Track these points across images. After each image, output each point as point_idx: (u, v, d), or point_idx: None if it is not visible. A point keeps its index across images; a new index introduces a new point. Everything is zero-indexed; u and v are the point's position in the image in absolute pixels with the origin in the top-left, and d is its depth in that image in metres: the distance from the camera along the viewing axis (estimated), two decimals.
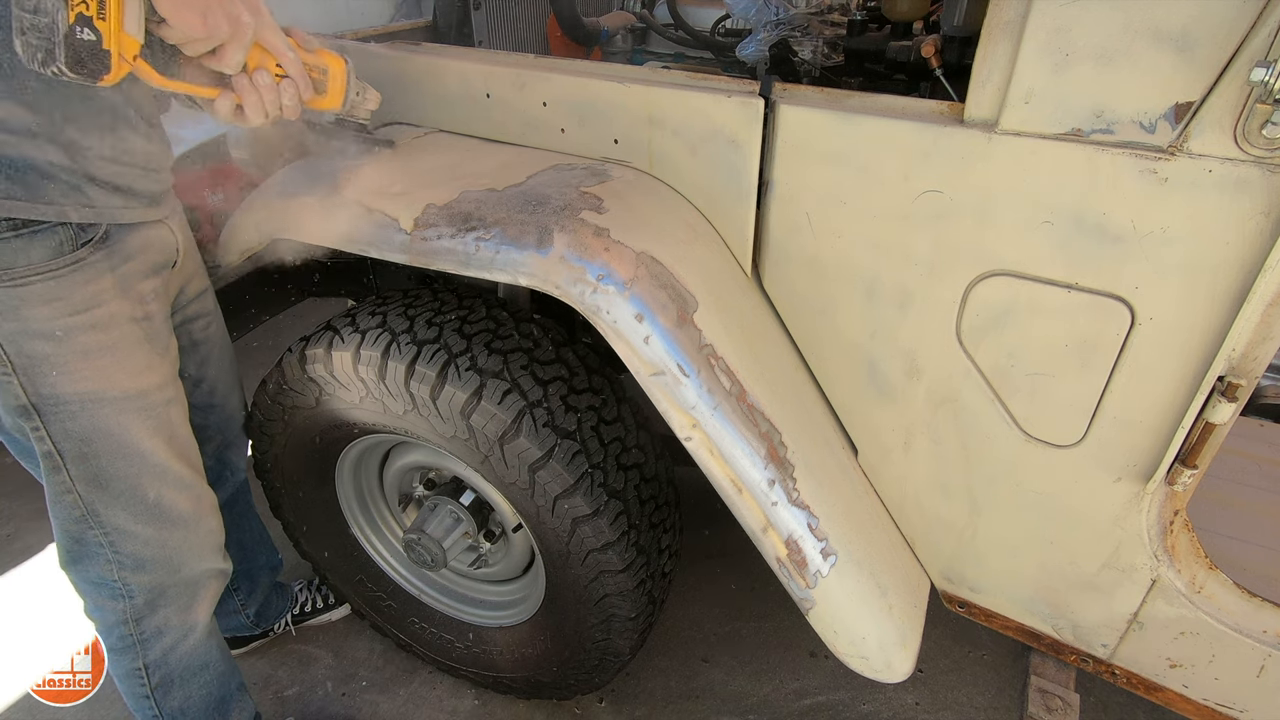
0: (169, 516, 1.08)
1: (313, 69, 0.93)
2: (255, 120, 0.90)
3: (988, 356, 0.96)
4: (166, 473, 1.06)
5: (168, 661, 1.18)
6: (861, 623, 1.05)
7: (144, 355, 0.99)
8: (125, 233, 0.95)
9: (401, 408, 1.15)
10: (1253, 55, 0.68)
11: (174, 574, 1.12)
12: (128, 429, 0.99)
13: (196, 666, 1.23)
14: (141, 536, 1.07)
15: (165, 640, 1.16)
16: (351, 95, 0.99)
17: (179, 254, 1.08)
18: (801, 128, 0.94)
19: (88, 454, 0.98)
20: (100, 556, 1.06)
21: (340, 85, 0.97)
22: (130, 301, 0.96)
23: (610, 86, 1.06)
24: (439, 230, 0.99)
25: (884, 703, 1.59)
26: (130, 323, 0.96)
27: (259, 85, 0.87)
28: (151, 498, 1.05)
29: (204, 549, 1.16)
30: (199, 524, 1.14)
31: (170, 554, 1.11)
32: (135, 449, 1.01)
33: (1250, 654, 1.00)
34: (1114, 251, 0.82)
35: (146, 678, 1.17)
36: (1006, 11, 0.78)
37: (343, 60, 0.96)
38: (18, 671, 1.65)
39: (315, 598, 1.74)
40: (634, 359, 0.95)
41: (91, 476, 1.00)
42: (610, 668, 1.35)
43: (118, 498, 1.02)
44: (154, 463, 1.04)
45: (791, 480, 1.00)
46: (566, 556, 1.18)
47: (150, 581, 1.10)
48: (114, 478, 1.01)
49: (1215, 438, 0.86)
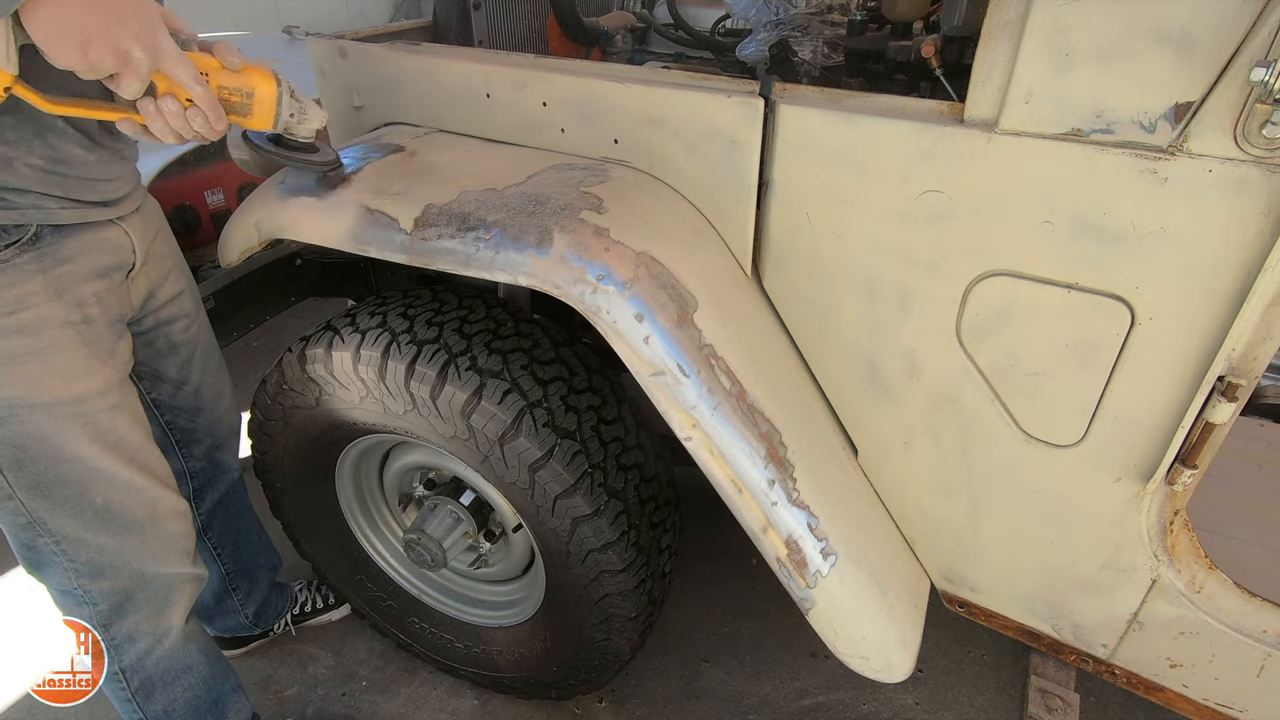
0: (121, 522, 1.05)
1: (233, 92, 0.88)
2: (166, 140, 0.85)
3: (988, 356, 0.96)
4: (113, 478, 1.02)
5: (144, 666, 1.16)
6: (861, 623, 1.05)
7: (81, 360, 0.95)
8: (62, 235, 0.91)
9: (401, 408, 1.15)
10: (1253, 55, 0.68)
11: (136, 579, 1.10)
12: (63, 435, 0.95)
13: (177, 670, 1.21)
14: (94, 544, 1.04)
15: (139, 645, 1.14)
16: (284, 116, 0.94)
17: (136, 256, 1.04)
18: (801, 128, 0.94)
19: (23, 460, 0.95)
20: (56, 565, 1.04)
21: (268, 107, 0.92)
22: (66, 305, 0.92)
23: (610, 86, 1.06)
24: (439, 230, 0.99)
25: (884, 703, 1.59)
26: (65, 327, 0.92)
27: (165, 110, 0.83)
28: (99, 504, 1.02)
29: (167, 554, 1.12)
30: (156, 529, 1.10)
31: (128, 560, 1.08)
32: (74, 455, 0.97)
33: (1250, 654, 1.00)
34: (1114, 251, 0.82)
35: (125, 682, 1.16)
36: (1006, 11, 0.78)
37: (273, 81, 0.91)
38: (18, 671, 1.66)
39: (315, 598, 1.73)
40: (634, 359, 0.95)
41: (31, 483, 0.97)
42: (610, 668, 1.35)
43: (61, 505, 0.99)
44: (97, 468, 1.00)
45: (791, 480, 1.00)
46: (566, 556, 1.18)
47: (111, 587, 1.08)
48: (55, 484, 0.98)
49: (1215, 438, 0.86)
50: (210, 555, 1.45)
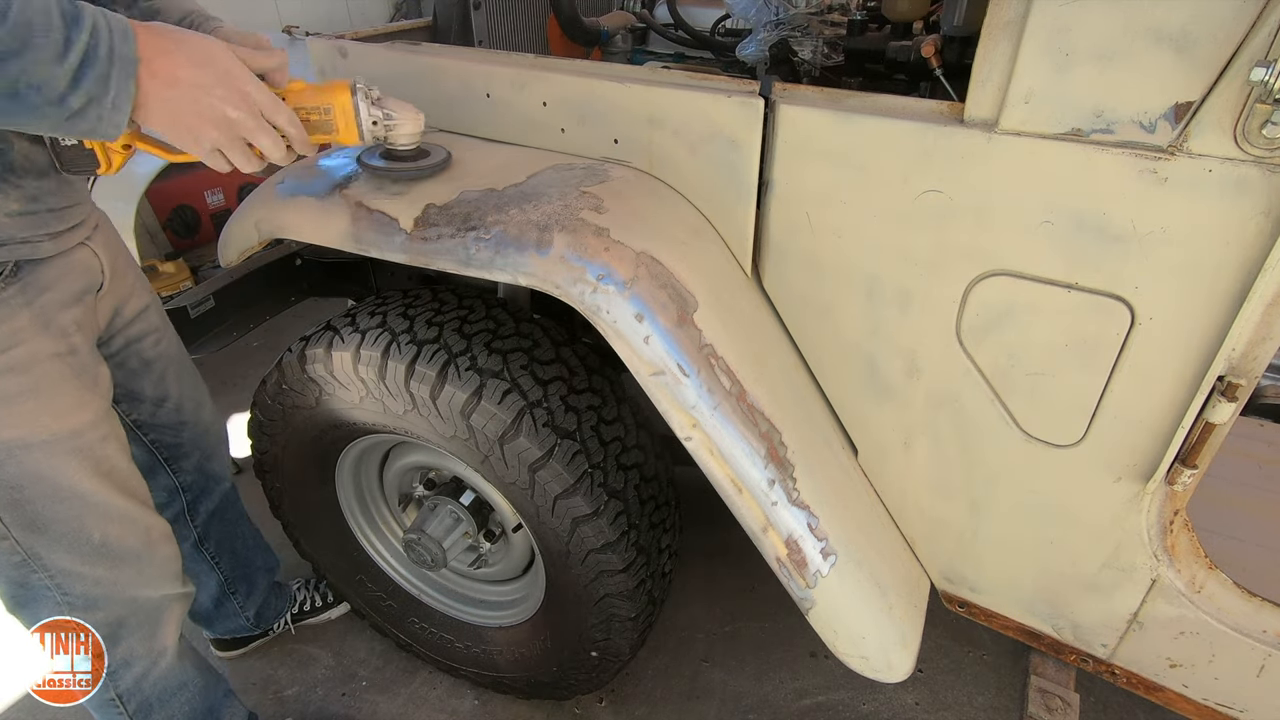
0: (118, 554, 1.03)
1: (311, 111, 0.87)
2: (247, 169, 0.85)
3: (988, 356, 0.96)
4: (109, 510, 1.00)
5: (141, 689, 1.15)
6: (861, 623, 1.05)
7: (73, 392, 0.92)
8: (39, 265, 0.88)
9: (401, 407, 1.15)
10: (1253, 55, 0.68)
11: (129, 606, 1.08)
12: (61, 471, 0.93)
13: (173, 688, 1.20)
14: (90, 577, 1.01)
15: (135, 670, 1.13)
16: (367, 124, 0.91)
17: (105, 275, 1.01)
18: (801, 128, 0.94)
19: (20, 500, 0.92)
20: (49, 599, 1.01)
21: (349, 119, 0.89)
22: (52, 337, 0.89)
23: (610, 86, 1.06)
24: (439, 230, 0.99)
25: (884, 703, 1.59)
26: (53, 359, 0.90)
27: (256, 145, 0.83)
28: (97, 539, 1.00)
29: (160, 579, 1.11)
30: (152, 556, 1.08)
31: (123, 589, 1.06)
32: (73, 491, 0.95)
33: (1250, 654, 1.00)
34: (1114, 251, 0.82)
35: (123, 706, 1.14)
36: (1006, 11, 0.78)
37: (347, 90, 0.88)
38: (18, 671, 1.66)
39: (314, 596, 1.73)
40: (634, 359, 0.95)
41: (28, 522, 0.94)
42: (610, 668, 1.35)
43: (58, 540, 0.97)
44: (95, 502, 0.98)
45: (791, 480, 1.00)
46: (566, 556, 1.18)
47: (105, 618, 1.06)
48: (53, 521, 0.95)
49: (1215, 438, 0.86)
50: (209, 564, 1.45)
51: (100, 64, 0.66)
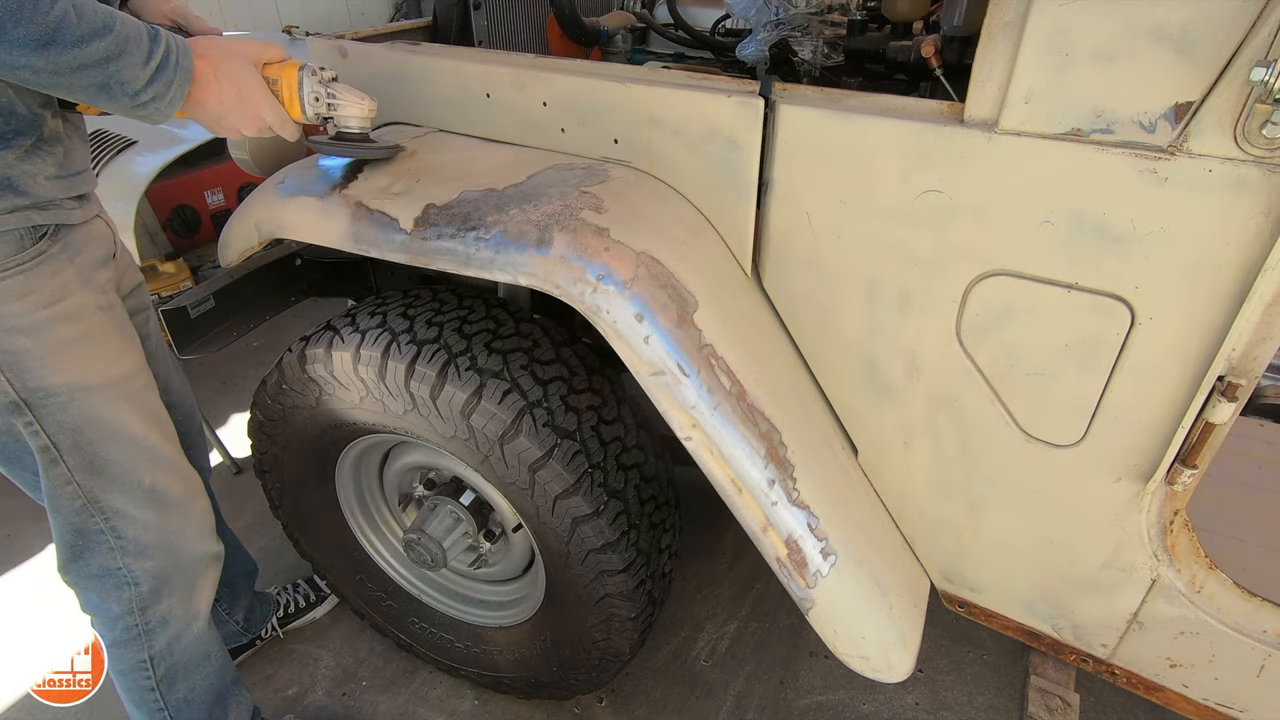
0: (165, 500, 1.11)
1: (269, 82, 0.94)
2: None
3: (988, 356, 0.96)
4: (158, 456, 1.09)
5: (173, 652, 1.19)
6: (861, 622, 1.05)
7: (117, 342, 1.02)
8: (73, 229, 0.97)
9: (401, 407, 1.15)
10: (1253, 55, 0.68)
11: (174, 558, 1.14)
12: (117, 415, 1.02)
13: (199, 657, 1.24)
14: (142, 521, 1.09)
15: (170, 630, 1.18)
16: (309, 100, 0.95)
17: (115, 245, 1.10)
18: (801, 128, 0.94)
19: (81, 443, 1.00)
20: (103, 544, 1.08)
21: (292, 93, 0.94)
22: (94, 291, 0.99)
23: (610, 86, 1.06)
24: (439, 230, 0.99)
25: (884, 703, 1.59)
26: (99, 311, 0.99)
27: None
28: (147, 483, 1.08)
29: (199, 531, 1.18)
30: (192, 505, 1.16)
31: (170, 538, 1.13)
32: (127, 434, 1.04)
33: (1250, 654, 1.00)
34: (1114, 251, 0.82)
35: (152, 669, 1.18)
36: (1006, 11, 0.78)
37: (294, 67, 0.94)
38: (18, 671, 1.66)
39: (295, 598, 1.74)
40: (634, 359, 0.95)
41: (88, 464, 1.02)
42: (610, 668, 1.35)
43: (114, 481, 1.05)
44: (146, 446, 1.07)
45: (791, 480, 1.00)
46: (566, 556, 1.18)
47: (154, 567, 1.12)
48: (110, 462, 1.03)
49: (1215, 438, 0.86)
50: None
51: (169, 71, 0.83)
